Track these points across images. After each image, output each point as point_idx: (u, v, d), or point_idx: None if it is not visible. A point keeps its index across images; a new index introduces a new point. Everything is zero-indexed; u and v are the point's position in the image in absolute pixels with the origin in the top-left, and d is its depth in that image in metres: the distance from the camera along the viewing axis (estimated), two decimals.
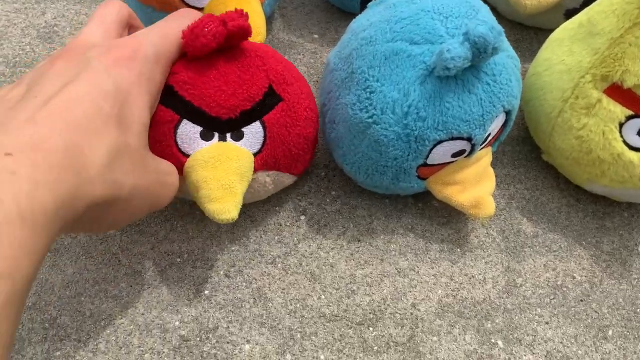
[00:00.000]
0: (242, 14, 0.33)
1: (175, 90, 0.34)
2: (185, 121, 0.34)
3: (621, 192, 0.41)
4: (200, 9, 0.46)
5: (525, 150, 0.48)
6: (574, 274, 0.41)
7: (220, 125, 0.35)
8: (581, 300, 0.40)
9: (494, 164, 0.46)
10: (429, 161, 0.37)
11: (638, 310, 0.40)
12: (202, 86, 0.34)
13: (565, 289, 0.41)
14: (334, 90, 0.38)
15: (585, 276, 0.41)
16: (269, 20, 0.56)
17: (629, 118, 0.38)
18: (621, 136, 0.38)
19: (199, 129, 0.35)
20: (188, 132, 0.35)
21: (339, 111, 0.38)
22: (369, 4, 0.40)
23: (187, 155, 0.35)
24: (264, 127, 0.36)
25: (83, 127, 0.27)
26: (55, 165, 0.24)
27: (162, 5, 0.46)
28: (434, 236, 0.43)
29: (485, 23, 0.31)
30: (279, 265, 0.41)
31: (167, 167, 0.34)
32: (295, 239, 0.42)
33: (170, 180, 0.34)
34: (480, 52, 0.32)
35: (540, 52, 0.44)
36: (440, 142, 0.36)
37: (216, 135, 0.35)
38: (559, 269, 0.41)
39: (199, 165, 0.34)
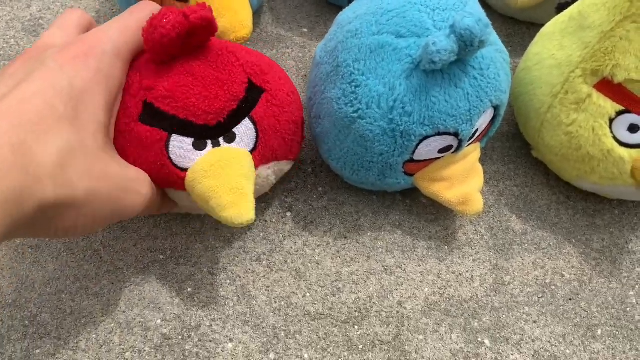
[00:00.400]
0: (204, 7, 0.31)
1: (156, 107, 0.33)
2: (174, 136, 0.33)
3: (611, 189, 0.40)
4: (185, 2, 0.45)
5: (515, 147, 0.47)
6: (563, 272, 0.41)
7: (211, 131, 0.34)
8: (570, 299, 0.40)
9: (483, 160, 0.45)
10: (415, 157, 0.37)
11: (627, 309, 0.39)
12: (183, 97, 0.33)
13: (554, 287, 0.40)
14: (320, 84, 0.38)
15: (575, 274, 0.41)
16: (257, 13, 0.56)
17: (619, 114, 0.37)
18: (611, 132, 0.38)
19: (190, 140, 0.34)
20: (180, 146, 0.34)
21: (324, 106, 0.37)
22: None
23: (185, 170, 0.34)
24: (254, 123, 0.35)
25: (32, 126, 0.26)
26: None
27: None
28: (422, 233, 0.42)
29: (472, 15, 0.30)
30: (264, 262, 0.40)
31: (134, 174, 0.33)
32: (281, 235, 0.42)
33: (137, 187, 0.32)
34: (467, 45, 0.31)
35: (531, 46, 0.44)
36: (426, 137, 0.35)
37: (209, 142, 0.34)
38: (548, 267, 0.41)
39: (201, 176, 0.33)
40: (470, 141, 0.38)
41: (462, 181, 0.39)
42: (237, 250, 0.41)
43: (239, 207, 0.33)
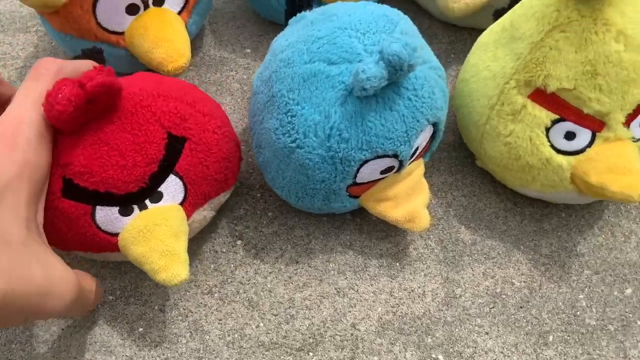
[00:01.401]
0: (101, 70, 0.30)
1: (76, 184, 0.32)
2: (99, 207, 0.33)
3: (554, 195, 0.41)
4: (120, 34, 0.45)
5: (460, 156, 0.47)
6: (513, 280, 0.41)
7: (135, 197, 0.33)
8: (521, 307, 0.40)
9: (430, 172, 0.46)
10: (358, 180, 0.37)
11: (578, 313, 0.40)
12: (101, 170, 0.32)
13: (504, 296, 0.40)
14: (258, 114, 0.37)
15: (524, 282, 0.41)
16: (199, 37, 0.55)
17: (554, 122, 0.38)
18: (548, 141, 0.38)
19: (115, 209, 0.33)
20: (106, 215, 0.33)
21: (263, 136, 0.37)
22: (290, 20, 0.39)
23: (116, 234, 0.34)
24: (180, 177, 0.35)
25: None
26: None
27: (82, 33, 0.45)
28: (373, 251, 0.42)
29: (399, 40, 0.31)
30: (216, 294, 0.40)
31: (59, 275, 0.29)
32: (232, 265, 0.41)
33: (60, 291, 0.29)
34: (396, 70, 0.31)
35: (468, 57, 0.44)
36: (366, 161, 0.35)
37: (135, 207, 0.34)
38: (498, 276, 0.41)
39: (131, 243, 0.33)
40: (412, 159, 0.38)
41: (407, 199, 0.39)
42: (188, 284, 0.40)
43: (171, 270, 0.33)
